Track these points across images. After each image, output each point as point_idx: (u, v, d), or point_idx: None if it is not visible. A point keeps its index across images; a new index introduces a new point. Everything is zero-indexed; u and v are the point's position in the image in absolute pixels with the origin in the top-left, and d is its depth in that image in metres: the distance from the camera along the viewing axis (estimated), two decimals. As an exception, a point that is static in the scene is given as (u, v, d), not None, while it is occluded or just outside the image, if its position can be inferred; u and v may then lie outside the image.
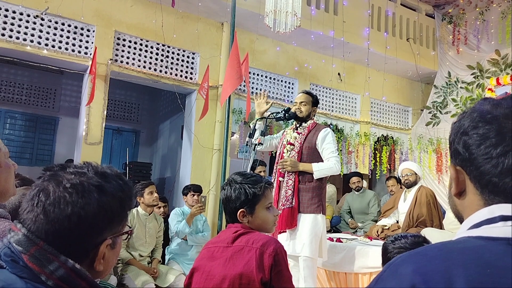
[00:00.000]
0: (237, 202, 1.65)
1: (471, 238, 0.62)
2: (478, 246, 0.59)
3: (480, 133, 0.65)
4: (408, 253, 0.63)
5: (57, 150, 8.34)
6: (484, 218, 0.63)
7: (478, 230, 0.63)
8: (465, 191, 0.69)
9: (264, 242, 1.54)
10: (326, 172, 3.14)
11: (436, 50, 8.22)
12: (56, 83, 8.33)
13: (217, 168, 6.12)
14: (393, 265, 0.62)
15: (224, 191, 1.70)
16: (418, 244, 1.63)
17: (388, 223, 4.38)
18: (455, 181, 0.70)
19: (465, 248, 0.59)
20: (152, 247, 4.24)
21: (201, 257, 1.66)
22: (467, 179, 0.68)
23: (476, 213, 0.65)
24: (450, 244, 0.62)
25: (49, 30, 5.29)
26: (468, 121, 0.68)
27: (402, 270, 0.59)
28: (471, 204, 0.67)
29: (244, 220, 1.65)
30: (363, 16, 7.35)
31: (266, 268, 1.48)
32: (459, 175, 0.69)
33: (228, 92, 4.91)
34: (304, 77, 7.23)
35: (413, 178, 4.29)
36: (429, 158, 7.94)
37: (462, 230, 0.66)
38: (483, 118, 0.66)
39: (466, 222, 0.67)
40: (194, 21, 6.20)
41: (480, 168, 0.65)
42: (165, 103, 8.90)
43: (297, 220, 3.08)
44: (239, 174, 1.72)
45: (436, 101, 8.04)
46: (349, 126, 7.72)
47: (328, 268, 3.54)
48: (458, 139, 0.69)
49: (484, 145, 0.64)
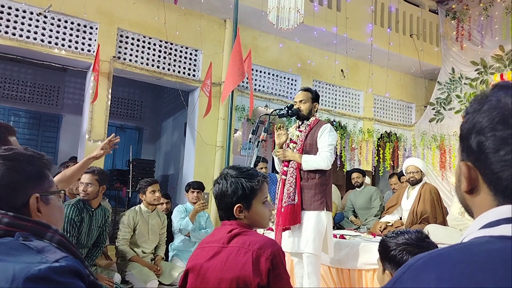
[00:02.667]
0: (233, 197, 1.58)
1: (494, 239, 0.57)
2: (504, 248, 0.54)
3: (498, 136, 0.60)
4: (428, 254, 0.59)
5: (61, 147, 8.38)
6: (502, 217, 0.59)
7: (499, 229, 0.58)
8: (476, 188, 0.64)
9: (261, 245, 1.48)
10: (313, 164, 3.10)
11: (440, 46, 8.18)
12: (59, 80, 8.35)
13: (220, 165, 6.12)
14: (414, 267, 0.58)
15: (218, 185, 1.62)
16: (422, 240, 1.61)
17: (392, 219, 4.37)
18: (467, 179, 0.65)
19: (490, 250, 0.55)
20: (155, 244, 4.25)
21: (196, 257, 1.59)
22: (480, 178, 0.63)
23: (492, 210, 0.61)
24: (474, 246, 0.57)
25: (52, 28, 5.30)
26: (485, 120, 0.61)
27: (426, 275, 0.55)
28: (483, 203, 0.63)
29: (240, 216, 1.58)
30: (366, 12, 7.32)
31: (263, 272, 1.44)
32: (471, 172, 0.64)
33: (230, 89, 4.91)
34: (307, 74, 7.22)
35: (419, 176, 4.25)
36: (433, 155, 7.91)
37: (475, 227, 0.62)
38: (504, 119, 0.60)
39: (480, 219, 0.63)
40: (197, 18, 6.19)
41: (498, 174, 0.60)
42: (168, 100, 8.91)
43: (301, 217, 3.08)
44: (233, 168, 1.65)
45: (440, 97, 8.01)
46: (352, 122, 7.71)
47: (332, 265, 3.54)
48: (472, 137, 0.63)
49: (503, 151, 0.59)
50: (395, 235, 1.64)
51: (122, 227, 4.06)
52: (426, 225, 3.89)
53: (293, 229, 3.09)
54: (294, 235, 3.09)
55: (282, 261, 1.51)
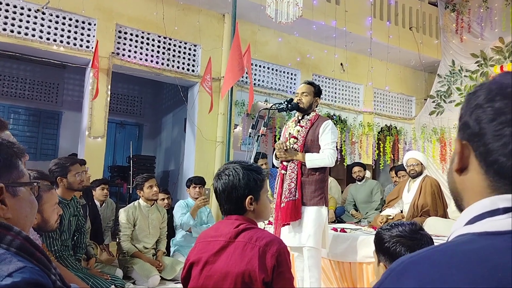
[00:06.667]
0: (246, 189, 1.60)
1: (475, 236, 0.57)
2: (484, 247, 0.54)
3: (495, 107, 0.59)
4: (409, 258, 0.59)
5: (61, 144, 8.38)
6: (486, 210, 0.59)
7: (481, 225, 0.58)
8: (467, 168, 0.64)
9: (268, 241, 1.50)
10: (318, 163, 3.11)
11: (440, 38, 8.15)
12: (58, 77, 8.34)
13: (220, 160, 6.13)
14: (395, 272, 0.58)
15: (228, 177, 1.62)
16: (416, 232, 1.61)
17: (392, 213, 4.37)
18: (459, 156, 0.65)
19: (469, 250, 0.55)
20: (156, 238, 4.26)
21: (200, 250, 1.60)
22: (472, 155, 0.63)
23: (476, 204, 0.61)
24: (454, 246, 0.57)
25: (50, 24, 5.28)
26: (484, 93, 0.62)
27: (405, 281, 0.55)
28: (472, 183, 0.63)
29: (250, 208, 1.61)
30: (365, 5, 7.29)
31: (269, 268, 1.46)
32: (464, 150, 0.64)
33: (230, 84, 4.90)
34: (306, 68, 7.20)
35: (419, 168, 4.26)
36: (433, 148, 7.92)
37: (461, 222, 0.62)
38: (502, 91, 0.60)
39: (465, 213, 0.62)
40: (195, 13, 6.17)
41: (489, 145, 0.60)
42: (168, 96, 8.90)
43: (301, 213, 3.09)
44: (238, 162, 1.68)
45: (440, 90, 8.00)
46: (352, 116, 7.70)
47: (333, 258, 3.55)
48: (470, 112, 0.63)
49: (497, 121, 0.59)
50: (390, 227, 1.65)
51: (122, 223, 4.07)
52: (426, 218, 3.90)
53: (293, 224, 3.09)
54: (295, 230, 3.09)
55: (287, 260, 1.51)
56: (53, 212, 2.34)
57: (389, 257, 1.59)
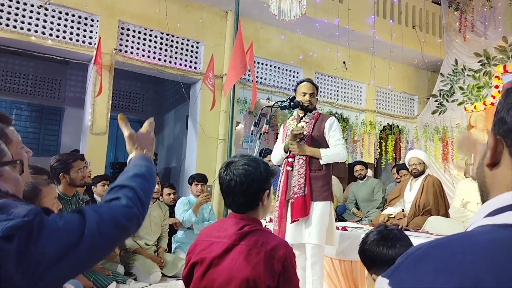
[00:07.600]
0: (266, 182, 1.55)
1: (496, 227, 0.57)
2: (506, 237, 0.53)
3: None
4: (428, 244, 0.58)
5: (63, 140, 8.38)
6: (508, 203, 0.58)
7: (502, 217, 0.58)
8: (499, 163, 0.64)
9: (274, 246, 1.46)
10: (333, 158, 3.15)
11: (443, 37, 8.13)
12: (61, 73, 8.34)
13: (222, 157, 6.13)
14: (413, 257, 0.57)
15: (248, 168, 1.52)
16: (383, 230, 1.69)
17: (394, 211, 4.37)
18: (492, 151, 0.65)
19: (491, 239, 0.54)
20: (157, 235, 4.27)
21: (203, 250, 1.54)
22: (506, 151, 0.63)
23: (497, 197, 0.61)
24: (475, 235, 0.56)
25: (53, 20, 5.28)
26: None
27: (423, 266, 0.54)
28: (503, 178, 0.63)
29: (264, 202, 1.57)
30: (368, 4, 7.27)
31: (275, 274, 1.43)
32: (498, 145, 0.64)
33: (232, 82, 4.90)
34: (309, 66, 7.19)
35: (421, 168, 4.26)
36: (435, 147, 7.90)
37: (481, 215, 0.61)
38: None
39: (486, 206, 0.62)
40: (198, 10, 6.16)
41: None
42: (170, 93, 8.90)
43: (310, 208, 3.09)
44: (247, 155, 1.62)
45: (443, 89, 7.98)
46: (355, 115, 7.69)
47: (334, 256, 3.55)
48: (507, 108, 0.63)
49: None
50: (365, 236, 1.73)
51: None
52: (428, 217, 3.90)
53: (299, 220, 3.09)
54: (300, 227, 3.09)
55: (293, 263, 1.49)
56: (53, 207, 2.34)
57: (373, 262, 1.66)
